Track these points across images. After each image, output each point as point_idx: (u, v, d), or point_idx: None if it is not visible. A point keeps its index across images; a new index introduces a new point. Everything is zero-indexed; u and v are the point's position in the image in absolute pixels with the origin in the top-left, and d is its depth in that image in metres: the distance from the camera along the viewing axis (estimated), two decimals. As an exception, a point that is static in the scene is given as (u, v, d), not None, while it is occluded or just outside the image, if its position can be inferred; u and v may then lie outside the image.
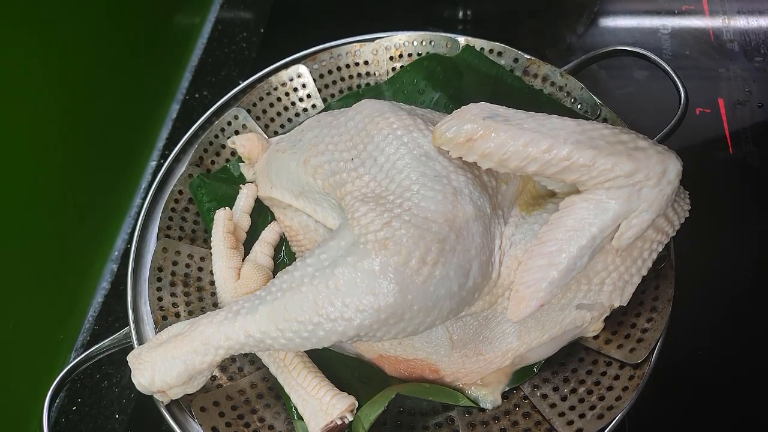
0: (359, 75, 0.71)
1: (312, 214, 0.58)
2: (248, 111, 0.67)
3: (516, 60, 0.68)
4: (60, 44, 0.64)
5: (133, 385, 0.47)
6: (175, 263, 0.58)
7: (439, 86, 0.67)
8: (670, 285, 0.53)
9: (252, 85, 0.69)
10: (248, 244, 0.61)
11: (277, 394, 0.53)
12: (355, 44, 0.70)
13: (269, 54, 0.72)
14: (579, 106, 0.64)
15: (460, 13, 0.92)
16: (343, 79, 0.71)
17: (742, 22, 0.85)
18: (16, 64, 0.58)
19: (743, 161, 0.73)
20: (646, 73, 0.80)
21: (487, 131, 0.45)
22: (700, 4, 0.88)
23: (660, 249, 0.50)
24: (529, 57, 0.67)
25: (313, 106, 0.70)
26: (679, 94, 0.61)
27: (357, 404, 0.49)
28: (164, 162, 0.64)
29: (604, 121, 0.62)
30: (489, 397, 0.52)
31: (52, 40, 0.63)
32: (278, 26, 0.93)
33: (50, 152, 0.63)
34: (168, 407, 0.50)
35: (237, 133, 0.66)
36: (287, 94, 0.69)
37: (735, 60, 0.82)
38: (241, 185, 0.63)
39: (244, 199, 0.62)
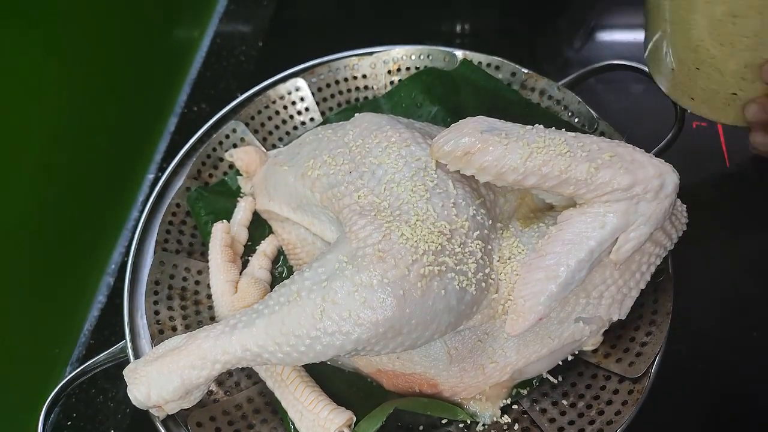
0: (357, 88, 0.71)
1: (310, 227, 0.58)
2: (246, 124, 0.67)
3: (513, 74, 0.68)
4: (59, 55, 0.64)
5: (129, 399, 0.46)
6: (172, 277, 0.58)
7: (437, 100, 0.67)
8: (668, 298, 0.53)
9: (250, 99, 0.69)
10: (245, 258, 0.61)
11: (274, 409, 0.52)
12: (354, 58, 0.71)
13: (268, 67, 0.72)
14: (576, 120, 0.65)
15: (458, 28, 0.93)
16: (341, 93, 0.71)
17: (737, 37, 0.86)
18: (14, 76, 0.58)
19: (740, 175, 0.73)
20: (642, 87, 0.81)
21: (485, 145, 0.45)
22: (695, 18, 0.88)
23: (658, 262, 0.50)
24: (526, 71, 0.68)
25: (312, 119, 0.70)
26: (676, 108, 0.62)
27: (355, 419, 0.49)
28: (162, 175, 0.64)
29: (602, 134, 0.62)
30: (488, 412, 0.51)
31: (52, 52, 0.63)
32: (277, 40, 0.93)
33: (47, 164, 0.63)
34: (164, 422, 0.49)
35: (235, 146, 0.66)
36: (285, 107, 0.70)
37: (731, 74, 0.82)
38: (238, 198, 0.63)
39: (242, 212, 0.62)
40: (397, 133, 0.51)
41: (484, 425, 0.51)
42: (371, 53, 0.71)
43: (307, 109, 0.70)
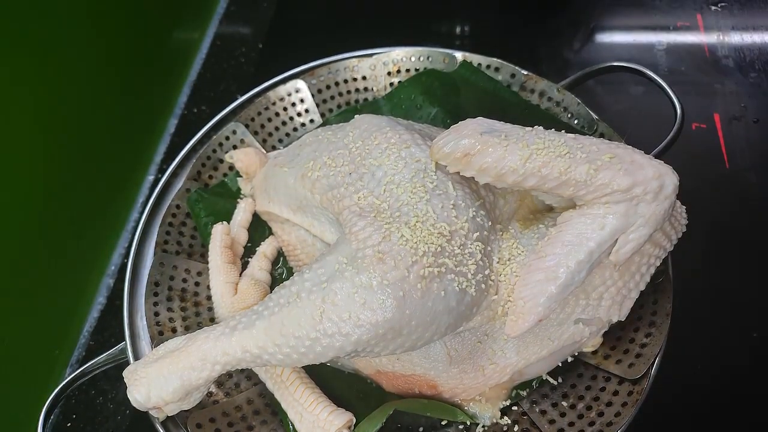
0: (357, 90, 0.71)
1: (309, 229, 0.58)
2: (246, 126, 0.67)
3: (513, 75, 0.68)
4: (59, 58, 0.64)
5: (129, 401, 0.46)
6: (171, 278, 0.58)
7: (436, 101, 0.67)
8: (668, 299, 0.53)
9: (250, 100, 0.69)
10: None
11: (273, 411, 0.52)
12: (354, 59, 0.71)
13: (268, 69, 0.72)
14: (576, 122, 0.65)
15: (458, 29, 0.93)
16: (341, 94, 0.71)
17: (736, 39, 0.86)
18: (13, 77, 0.58)
19: (740, 175, 0.73)
20: (642, 89, 0.81)
21: (485, 146, 0.45)
22: (695, 20, 0.88)
23: (658, 263, 0.50)
24: (526, 72, 0.68)
25: (312, 120, 0.70)
26: (675, 110, 0.62)
27: (354, 420, 0.49)
28: (162, 176, 0.64)
29: (601, 136, 0.62)
30: (487, 413, 0.51)
31: (51, 54, 0.63)
32: (277, 41, 0.93)
33: (47, 166, 0.63)
34: (164, 424, 0.49)
35: (235, 147, 0.66)
36: (285, 108, 0.70)
37: (730, 75, 0.82)
38: (238, 200, 0.63)
39: (242, 213, 0.62)
40: (396, 134, 0.51)
41: (483, 426, 0.51)
42: (371, 55, 0.71)
43: (307, 111, 0.70)
